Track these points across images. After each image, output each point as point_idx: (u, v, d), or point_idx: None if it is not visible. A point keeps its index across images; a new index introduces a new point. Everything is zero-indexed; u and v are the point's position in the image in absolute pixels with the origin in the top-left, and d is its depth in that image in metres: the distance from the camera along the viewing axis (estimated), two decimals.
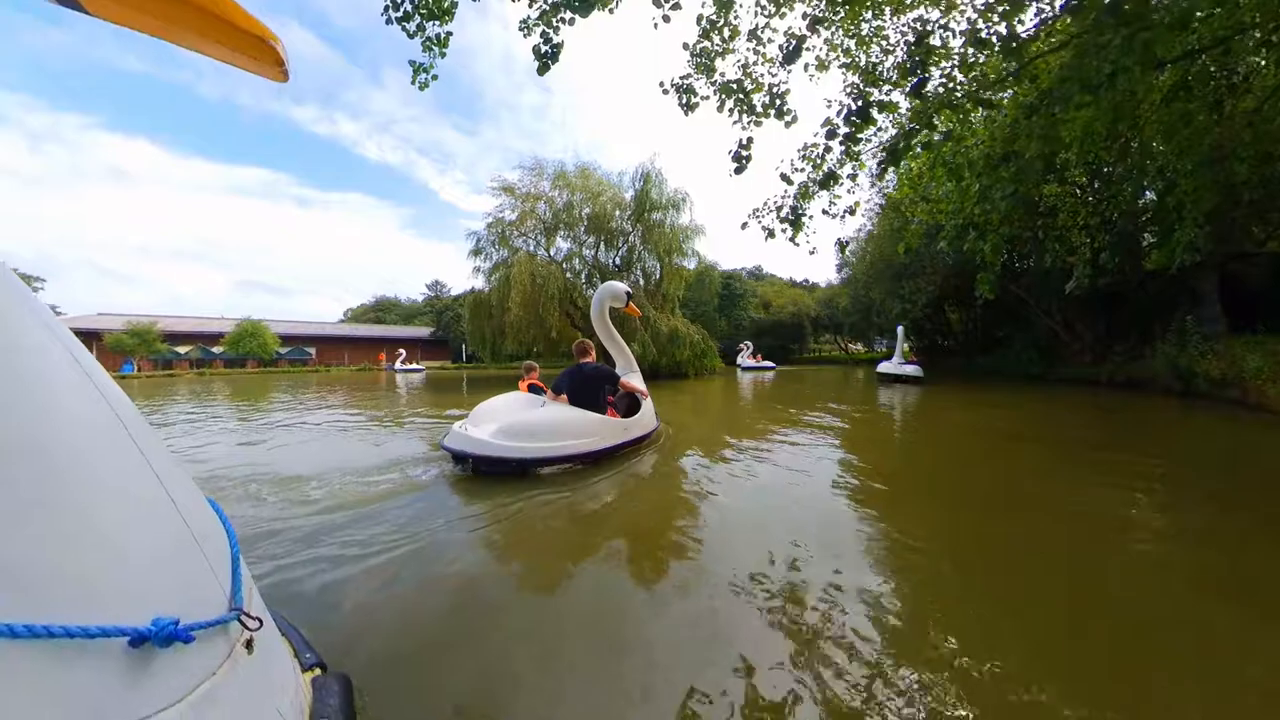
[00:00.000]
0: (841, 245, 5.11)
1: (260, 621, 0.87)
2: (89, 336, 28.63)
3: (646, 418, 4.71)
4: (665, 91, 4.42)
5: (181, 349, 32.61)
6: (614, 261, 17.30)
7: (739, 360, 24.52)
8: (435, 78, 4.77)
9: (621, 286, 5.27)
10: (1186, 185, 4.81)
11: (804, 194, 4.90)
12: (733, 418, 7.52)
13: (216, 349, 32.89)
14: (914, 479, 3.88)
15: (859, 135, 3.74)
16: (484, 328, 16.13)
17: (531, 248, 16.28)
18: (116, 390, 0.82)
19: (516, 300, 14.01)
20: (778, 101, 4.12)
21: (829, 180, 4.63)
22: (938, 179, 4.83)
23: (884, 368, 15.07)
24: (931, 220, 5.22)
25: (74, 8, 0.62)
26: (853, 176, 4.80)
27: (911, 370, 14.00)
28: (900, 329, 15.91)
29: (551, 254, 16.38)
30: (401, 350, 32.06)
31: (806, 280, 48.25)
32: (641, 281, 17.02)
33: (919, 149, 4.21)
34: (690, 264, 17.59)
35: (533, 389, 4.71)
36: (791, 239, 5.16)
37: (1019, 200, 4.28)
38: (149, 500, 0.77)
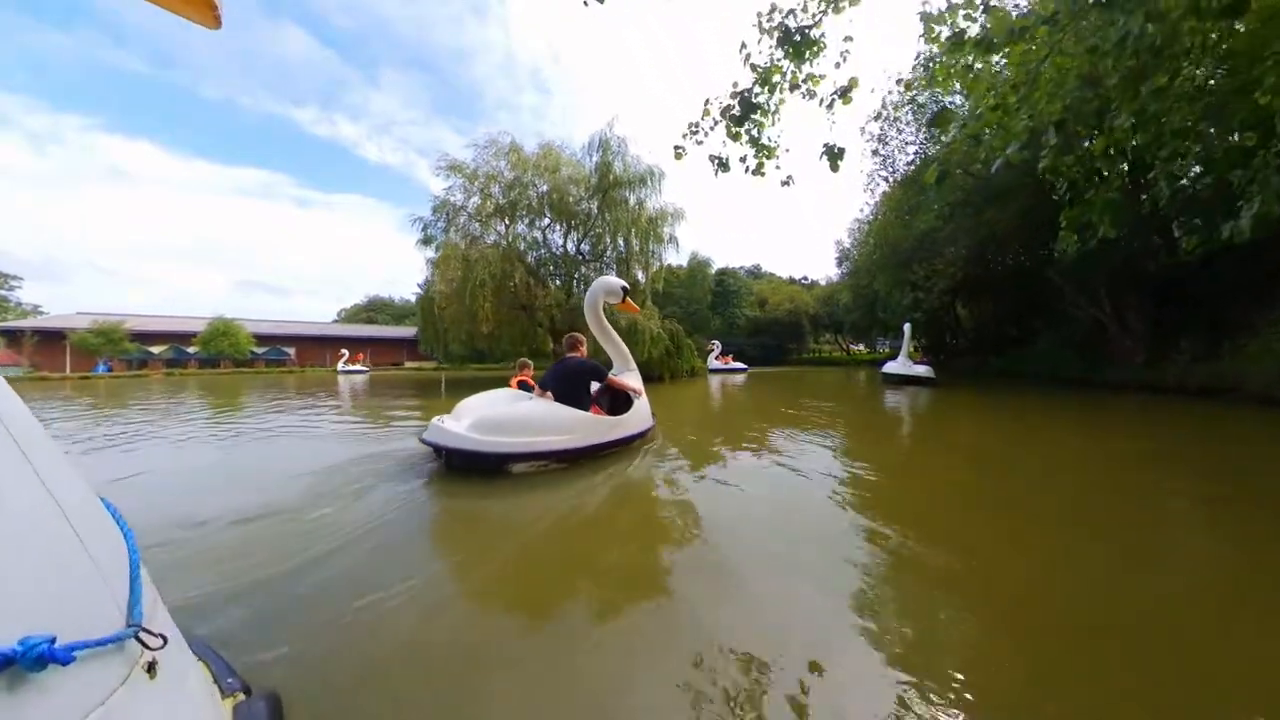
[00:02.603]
0: (832, 153, 3.00)
1: (164, 639, 0.74)
2: (55, 336, 27.52)
3: (637, 417, 4.46)
4: None
5: (155, 348, 31.58)
6: (579, 248, 15.20)
7: (708, 361, 22.37)
8: None
9: (617, 281, 5.03)
10: None
11: (764, 77, 3.04)
12: (711, 441, 5.71)
13: (191, 349, 31.92)
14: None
15: None
16: (435, 325, 14.22)
17: (491, 237, 14.27)
18: None
19: (442, 290, 12.09)
20: None
21: (801, 44, 2.78)
22: (996, 35, 2.64)
23: (890, 368, 13.63)
24: (987, 116, 2.96)
25: None
26: (841, 8, 2.78)
27: (922, 371, 12.57)
28: (907, 326, 14.56)
29: (511, 240, 14.23)
30: (344, 350, 30.82)
31: (805, 278, 46.44)
32: (614, 270, 15.02)
33: None
34: (669, 252, 15.52)
35: (522, 386, 4.60)
36: (755, 170, 3.29)
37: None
38: (24, 501, 0.66)
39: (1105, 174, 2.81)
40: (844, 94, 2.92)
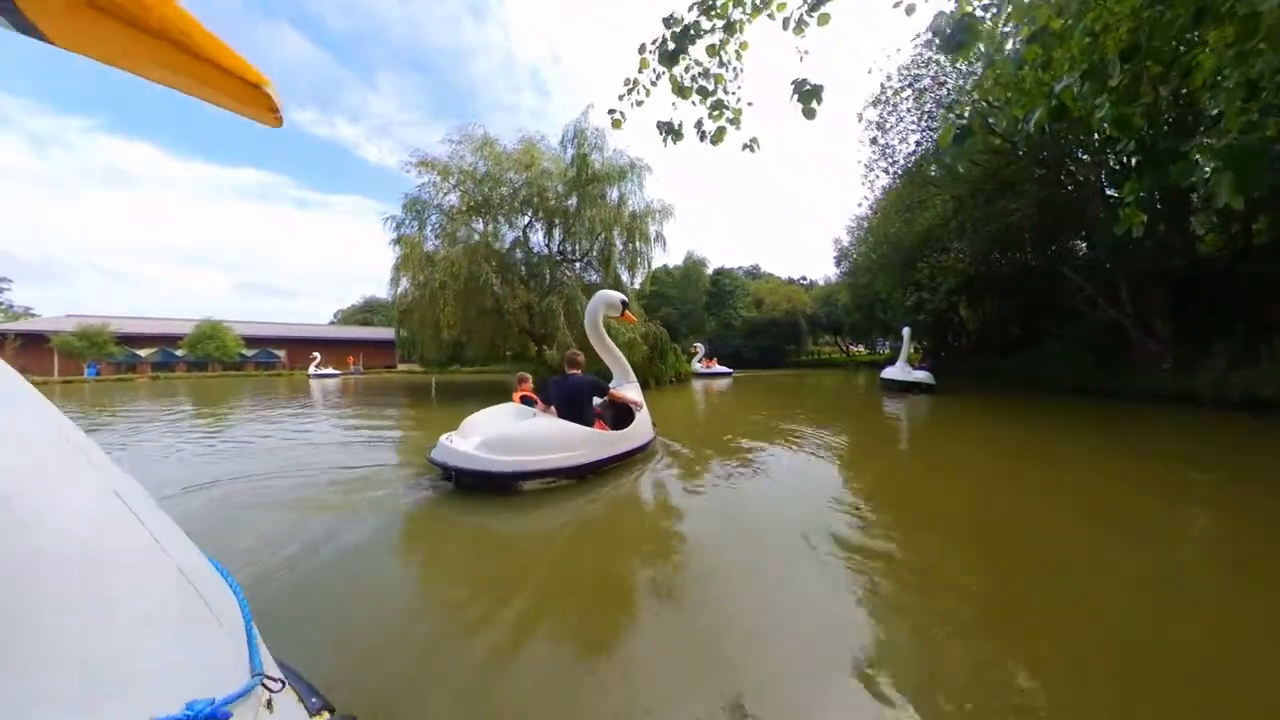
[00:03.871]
0: (804, 91, 2.17)
1: (283, 683, 0.83)
2: (41, 339, 26.97)
3: (639, 430, 4.51)
4: None
5: (143, 351, 31.15)
6: (560, 247, 14.24)
7: (691, 364, 21.20)
8: None
9: (616, 295, 5.05)
10: None
11: (707, 3, 2.19)
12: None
13: (180, 351, 31.52)
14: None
15: None
16: (407, 327, 13.37)
17: (465, 235, 13.31)
18: (97, 452, 0.74)
19: (413, 293, 11.26)
20: None
21: None
22: None
23: (889, 373, 13.10)
24: (1023, 52, 2.00)
25: (36, 37, 0.57)
26: None
27: (921, 377, 12.07)
28: (906, 330, 13.81)
29: (483, 238, 13.22)
30: (316, 354, 29.81)
31: (804, 278, 45.45)
32: (597, 271, 14.16)
33: None
34: (657, 251, 14.51)
35: (525, 400, 4.63)
36: (714, 137, 2.50)
37: None
38: (154, 573, 0.69)
39: (1217, 114, 1.93)
40: (815, 7, 2.07)
